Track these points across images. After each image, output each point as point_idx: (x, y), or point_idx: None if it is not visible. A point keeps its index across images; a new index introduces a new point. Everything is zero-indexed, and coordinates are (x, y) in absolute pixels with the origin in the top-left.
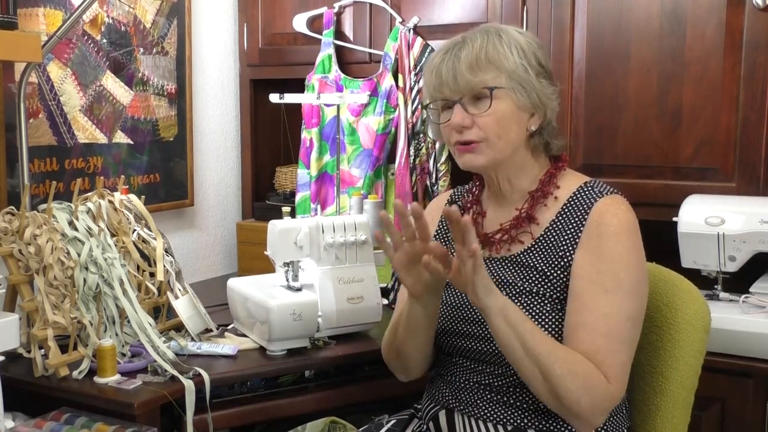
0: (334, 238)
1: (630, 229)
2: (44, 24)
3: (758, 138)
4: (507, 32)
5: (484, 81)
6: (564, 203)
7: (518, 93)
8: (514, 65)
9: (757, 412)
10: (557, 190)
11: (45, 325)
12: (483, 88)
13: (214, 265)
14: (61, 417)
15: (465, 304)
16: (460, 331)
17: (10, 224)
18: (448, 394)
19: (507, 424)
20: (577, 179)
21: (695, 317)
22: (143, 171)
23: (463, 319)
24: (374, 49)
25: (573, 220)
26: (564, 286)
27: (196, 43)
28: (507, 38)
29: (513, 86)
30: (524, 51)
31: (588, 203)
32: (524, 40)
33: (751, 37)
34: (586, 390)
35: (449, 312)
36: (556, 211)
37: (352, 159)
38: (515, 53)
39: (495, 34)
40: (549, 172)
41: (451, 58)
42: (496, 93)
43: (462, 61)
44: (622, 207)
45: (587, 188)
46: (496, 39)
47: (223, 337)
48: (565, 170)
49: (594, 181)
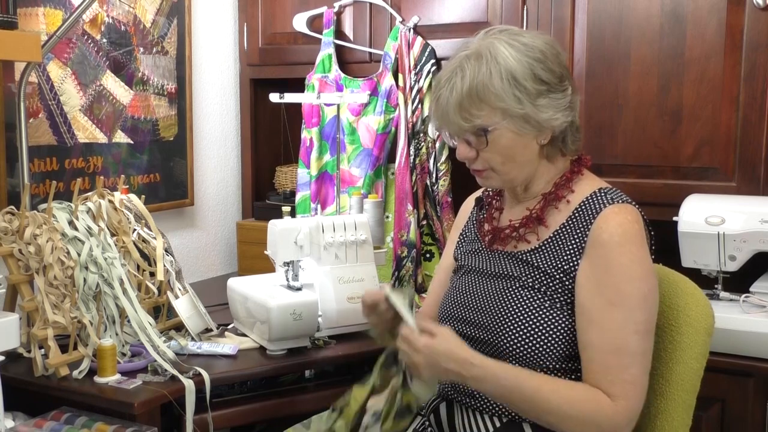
0: (334, 237)
1: (633, 240)
2: (44, 24)
3: (758, 138)
4: (503, 57)
5: (476, 124)
6: (575, 208)
7: (516, 125)
8: (506, 100)
9: (758, 411)
10: (571, 194)
11: (45, 324)
12: (476, 130)
13: (214, 265)
14: (61, 417)
15: (472, 291)
16: (465, 318)
17: (10, 224)
18: (448, 385)
19: (503, 416)
20: (593, 185)
21: (698, 320)
22: (143, 171)
23: (469, 307)
24: (374, 48)
25: (580, 227)
26: (566, 289)
27: (196, 43)
28: (498, 65)
29: (507, 121)
30: (517, 79)
31: (595, 210)
32: (517, 65)
33: (751, 37)
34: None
35: (457, 297)
36: (567, 216)
37: (352, 158)
38: (506, 85)
39: (486, 60)
40: (565, 176)
41: (447, 92)
42: (491, 132)
43: (452, 104)
44: (628, 217)
45: (600, 194)
46: (485, 70)
47: (224, 337)
48: (583, 174)
49: (608, 187)
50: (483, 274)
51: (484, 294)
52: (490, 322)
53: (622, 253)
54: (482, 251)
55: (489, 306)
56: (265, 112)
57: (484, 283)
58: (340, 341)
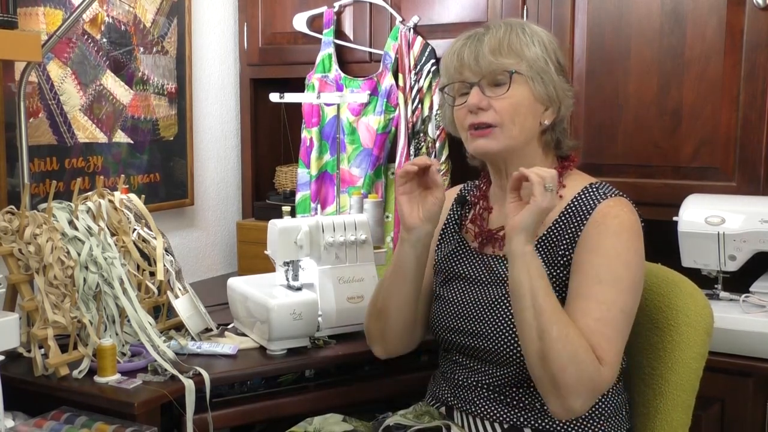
0: (334, 237)
1: (631, 230)
2: (44, 23)
3: (758, 137)
4: (531, 27)
5: (505, 65)
6: (568, 203)
7: (536, 82)
8: (535, 56)
9: (757, 411)
10: (562, 189)
11: (45, 324)
12: (503, 71)
13: (214, 265)
14: (61, 416)
15: (466, 300)
16: (461, 328)
17: (10, 223)
18: (448, 392)
19: (504, 422)
20: (583, 180)
21: (697, 319)
22: (143, 170)
23: (464, 316)
24: (374, 48)
25: (575, 221)
26: (564, 285)
27: (196, 43)
28: (530, 31)
29: (532, 75)
30: (545, 45)
31: (591, 204)
32: (546, 37)
33: (751, 37)
34: (575, 362)
35: (451, 309)
36: (560, 211)
37: (352, 158)
38: (537, 45)
39: (519, 26)
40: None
41: (474, 42)
42: (515, 78)
43: (485, 44)
44: (624, 209)
45: (592, 189)
46: (519, 30)
47: (223, 337)
48: (572, 170)
49: (599, 182)
50: (475, 281)
51: (480, 303)
52: (489, 332)
53: (619, 240)
54: (469, 255)
55: (487, 315)
56: (265, 111)
57: (478, 292)
58: (340, 341)
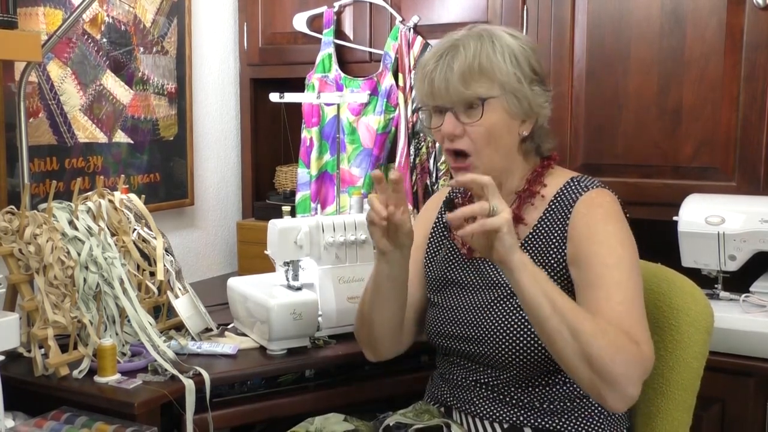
0: (334, 237)
1: (617, 215)
2: (44, 23)
3: (758, 138)
4: (500, 38)
5: (477, 92)
6: (550, 200)
7: (510, 102)
8: (507, 75)
9: (758, 411)
10: (544, 188)
11: (45, 324)
12: (475, 99)
13: (214, 265)
14: (61, 416)
15: (460, 306)
16: (456, 334)
17: (10, 224)
18: (447, 392)
19: (503, 422)
20: (564, 175)
21: (697, 319)
22: (143, 170)
23: (459, 322)
24: (374, 48)
25: (559, 216)
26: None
27: (196, 43)
28: (500, 45)
29: (506, 96)
30: (517, 59)
31: (573, 198)
32: (518, 46)
33: (751, 37)
34: (620, 350)
35: (445, 315)
36: (543, 209)
37: (352, 158)
38: (508, 62)
39: (488, 39)
40: (535, 171)
41: (443, 66)
42: (488, 103)
43: (455, 72)
44: (607, 198)
45: (573, 183)
46: (489, 46)
47: (224, 337)
48: (553, 168)
49: (581, 176)
50: (467, 286)
51: (473, 307)
52: (484, 336)
53: (609, 225)
54: (459, 260)
55: (481, 319)
56: (265, 111)
57: (471, 296)
58: (340, 341)
